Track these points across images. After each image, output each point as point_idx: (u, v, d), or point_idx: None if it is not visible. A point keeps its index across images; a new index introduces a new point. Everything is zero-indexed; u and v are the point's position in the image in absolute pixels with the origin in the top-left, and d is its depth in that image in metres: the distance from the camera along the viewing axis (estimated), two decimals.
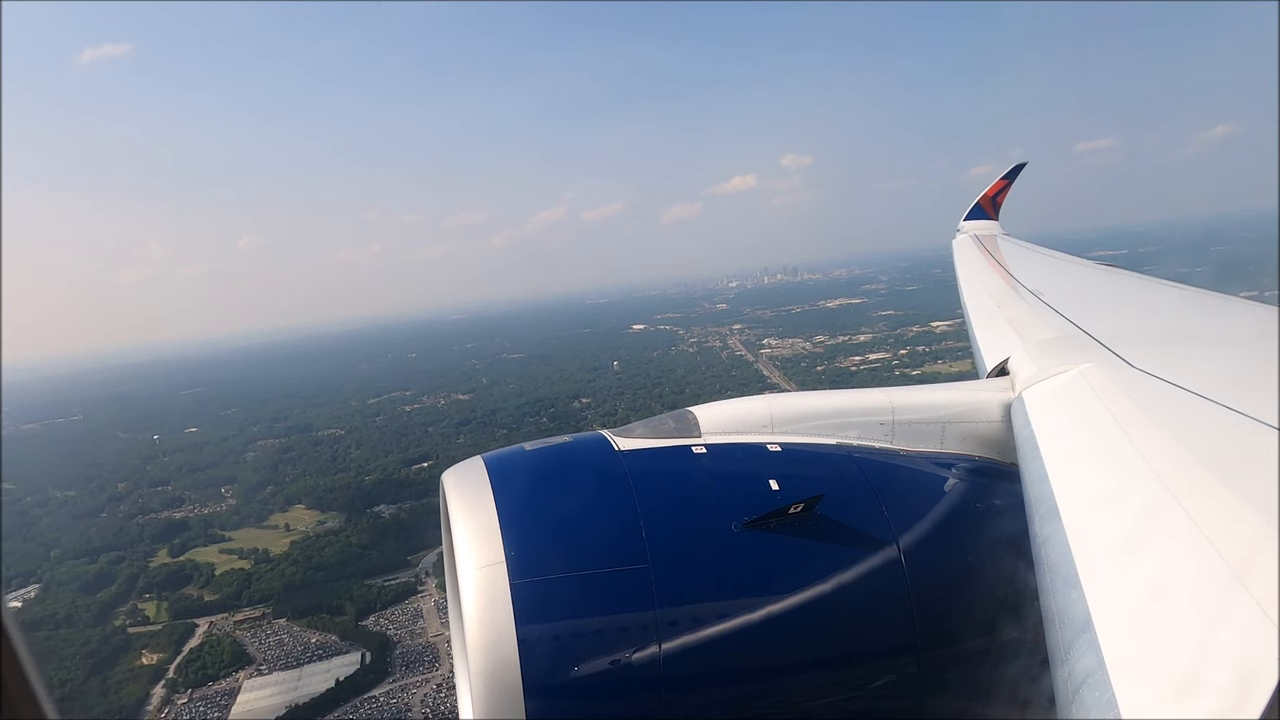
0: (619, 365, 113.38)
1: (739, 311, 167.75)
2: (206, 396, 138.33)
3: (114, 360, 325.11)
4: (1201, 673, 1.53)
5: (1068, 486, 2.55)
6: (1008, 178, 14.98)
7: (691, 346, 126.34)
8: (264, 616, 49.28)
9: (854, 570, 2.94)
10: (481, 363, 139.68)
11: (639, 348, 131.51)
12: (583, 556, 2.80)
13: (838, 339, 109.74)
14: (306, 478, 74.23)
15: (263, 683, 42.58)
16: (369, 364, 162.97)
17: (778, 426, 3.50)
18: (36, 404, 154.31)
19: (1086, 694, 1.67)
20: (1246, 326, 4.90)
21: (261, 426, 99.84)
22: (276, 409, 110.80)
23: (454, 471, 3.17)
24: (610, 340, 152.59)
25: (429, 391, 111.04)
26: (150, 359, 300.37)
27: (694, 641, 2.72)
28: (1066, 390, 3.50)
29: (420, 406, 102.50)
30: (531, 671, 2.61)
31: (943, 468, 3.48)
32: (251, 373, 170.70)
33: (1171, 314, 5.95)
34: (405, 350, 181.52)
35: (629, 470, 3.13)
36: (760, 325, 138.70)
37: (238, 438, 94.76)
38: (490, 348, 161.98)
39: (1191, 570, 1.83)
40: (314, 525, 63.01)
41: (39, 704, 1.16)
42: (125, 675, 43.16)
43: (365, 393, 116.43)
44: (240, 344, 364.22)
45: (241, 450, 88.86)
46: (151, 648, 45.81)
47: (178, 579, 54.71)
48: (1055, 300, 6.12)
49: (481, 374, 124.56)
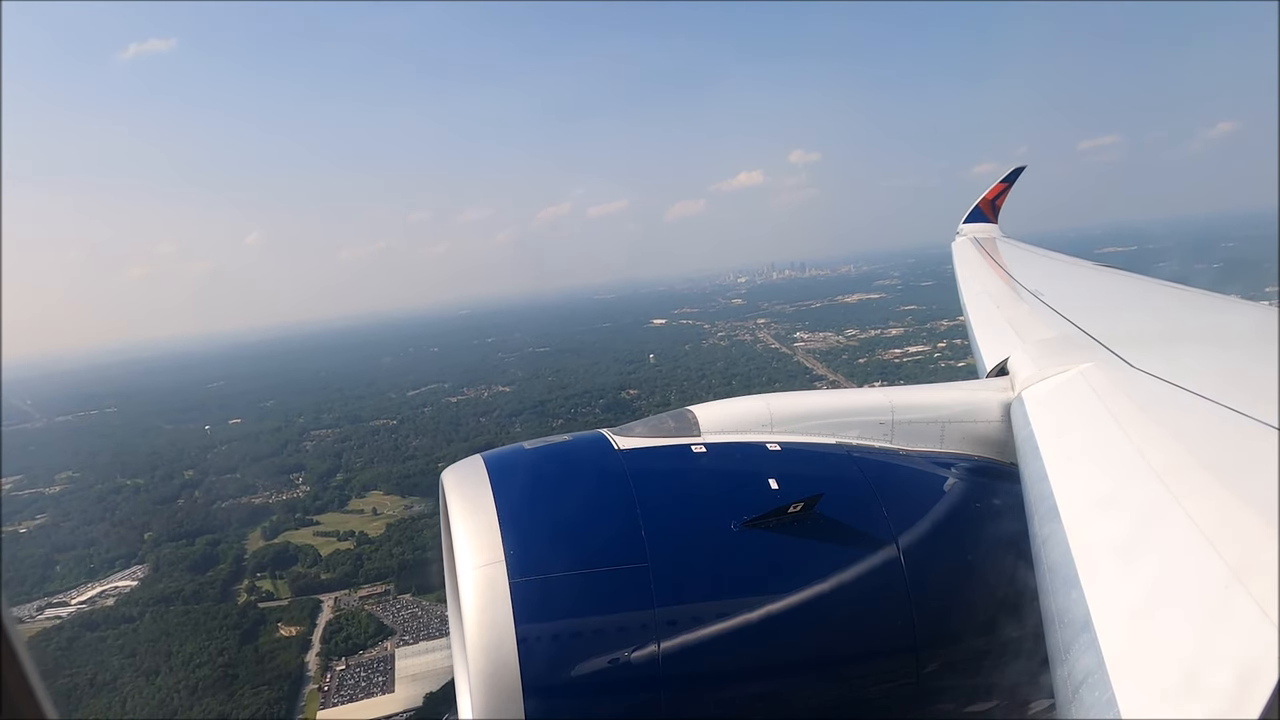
0: (654, 358, 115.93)
1: (756, 306, 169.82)
2: (234, 390, 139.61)
3: (123, 355, 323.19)
4: (1201, 673, 1.53)
5: (1067, 486, 2.57)
6: (1007, 181, 14.99)
7: (722, 340, 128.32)
8: (387, 592, 51.36)
9: (853, 570, 2.96)
10: (509, 356, 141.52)
11: (668, 341, 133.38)
12: (582, 555, 2.82)
13: (868, 333, 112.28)
14: (376, 465, 76.22)
15: (413, 650, 44.49)
16: (392, 358, 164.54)
17: (777, 426, 3.52)
18: (63, 397, 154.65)
19: (1086, 694, 1.68)
20: (1246, 326, 4.91)
21: (307, 418, 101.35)
22: (315, 401, 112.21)
23: (454, 470, 3.19)
24: (633, 335, 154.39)
25: (467, 384, 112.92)
26: (157, 354, 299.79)
27: (693, 641, 2.74)
28: (1066, 390, 3.51)
29: (464, 398, 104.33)
30: (531, 671, 2.62)
31: (942, 467, 3.49)
32: (270, 367, 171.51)
33: (1171, 314, 5.94)
34: (424, 345, 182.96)
35: (629, 469, 3.15)
36: (784, 320, 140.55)
37: (289, 428, 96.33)
38: (511, 342, 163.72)
39: (1191, 570, 1.83)
40: (401, 509, 65.09)
41: (39, 704, 1.16)
42: (272, 645, 45.26)
43: (402, 385, 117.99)
44: (246, 340, 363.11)
45: (298, 440, 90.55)
46: (285, 621, 47.96)
47: (284, 559, 56.78)
48: (1055, 301, 6.10)
49: (513, 367, 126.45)
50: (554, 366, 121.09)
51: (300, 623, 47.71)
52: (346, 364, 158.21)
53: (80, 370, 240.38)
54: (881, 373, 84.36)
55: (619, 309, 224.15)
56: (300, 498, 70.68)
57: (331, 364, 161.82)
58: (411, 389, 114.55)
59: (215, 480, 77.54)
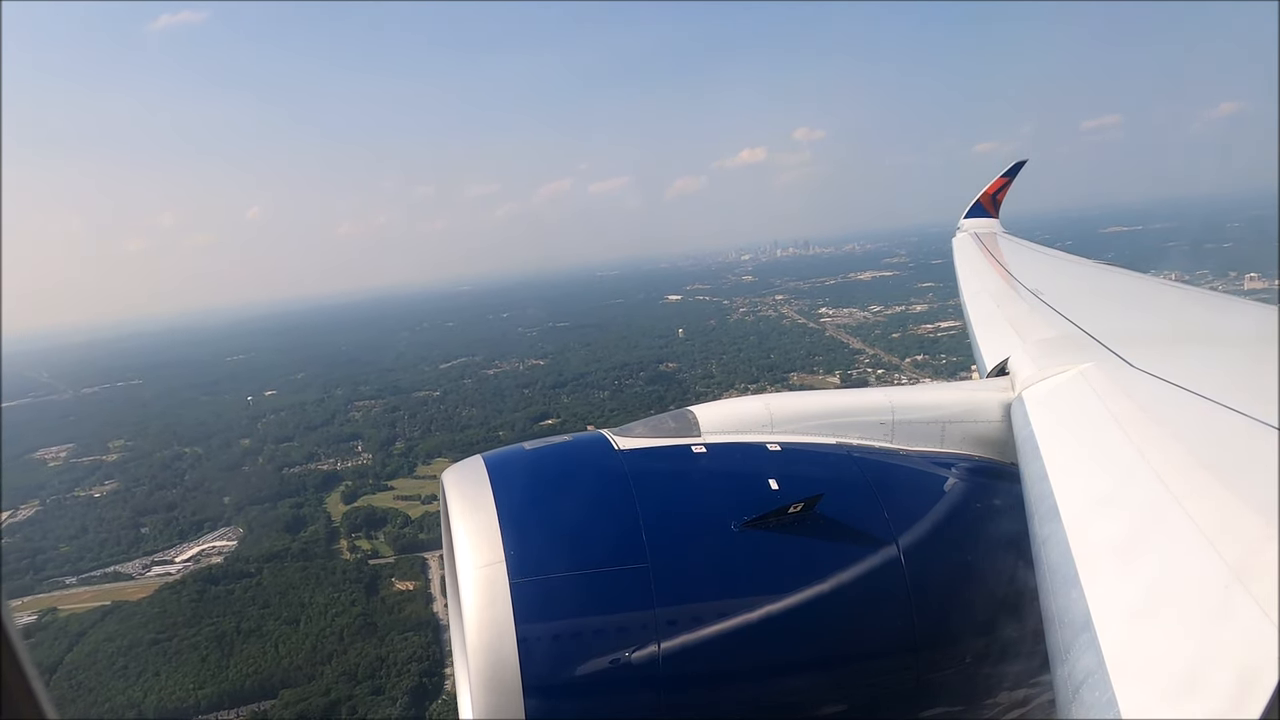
0: (683, 333, 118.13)
1: (769, 283, 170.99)
2: (257, 363, 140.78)
3: (128, 329, 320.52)
4: (1201, 673, 1.53)
5: (1068, 486, 2.57)
6: (1008, 175, 14.82)
7: (746, 315, 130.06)
8: None
9: (853, 570, 2.98)
10: (530, 330, 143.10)
11: (688, 317, 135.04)
12: (582, 556, 2.84)
13: (893, 309, 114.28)
14: (435, 434, 78.16)
15: None
16: (409, 332, 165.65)
17: (777, 426, 3.54)
18: (80, 370, 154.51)
19: (1086, 694, 1.68)
20: (1246, 326, 4.93)
21: (345, 389, 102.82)
22: (347, 374, 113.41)
23: (454, 470, 3.20)
24: (650, 310, 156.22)
25: (497, 357, 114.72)
26: (160, 328, 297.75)
27: (693, 641, 2.76)
28: (1066, 390, 3.52)
29: (501, 371, 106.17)
30: (531, 671, 2.64)
31: (943, 467, 3.51)
32: (286, 342, 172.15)
33: (1171, 314, 5.95)
34: (436, 320, 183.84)
35: (629, 470, 3.16)
36: (801, 296, 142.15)
37: (330, 400, 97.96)
38: (526, 317, 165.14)
39: (1191, 570, 1.83)
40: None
41: (39, 704, 1.16)
42: (396, 597, 47.21)
43: (431, 359, 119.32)
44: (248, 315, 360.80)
45: (345, 410, 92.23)
46: (398, 577, 49.87)
47: (374, 520, 58.65)
48: (1055, 300, 6.12)
49: (537, 341, 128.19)
50: (580, 341, 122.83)
51: (414, 578, 49.50)
52: (366, 339, 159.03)
53: (86, 344, 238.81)
54: (920, 346, 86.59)
55: (628, 286, 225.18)
56: (368, 464, 72.45)
57: (349, 339, 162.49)
58: (443, 362, 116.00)
59: (274, 448, 79.24)
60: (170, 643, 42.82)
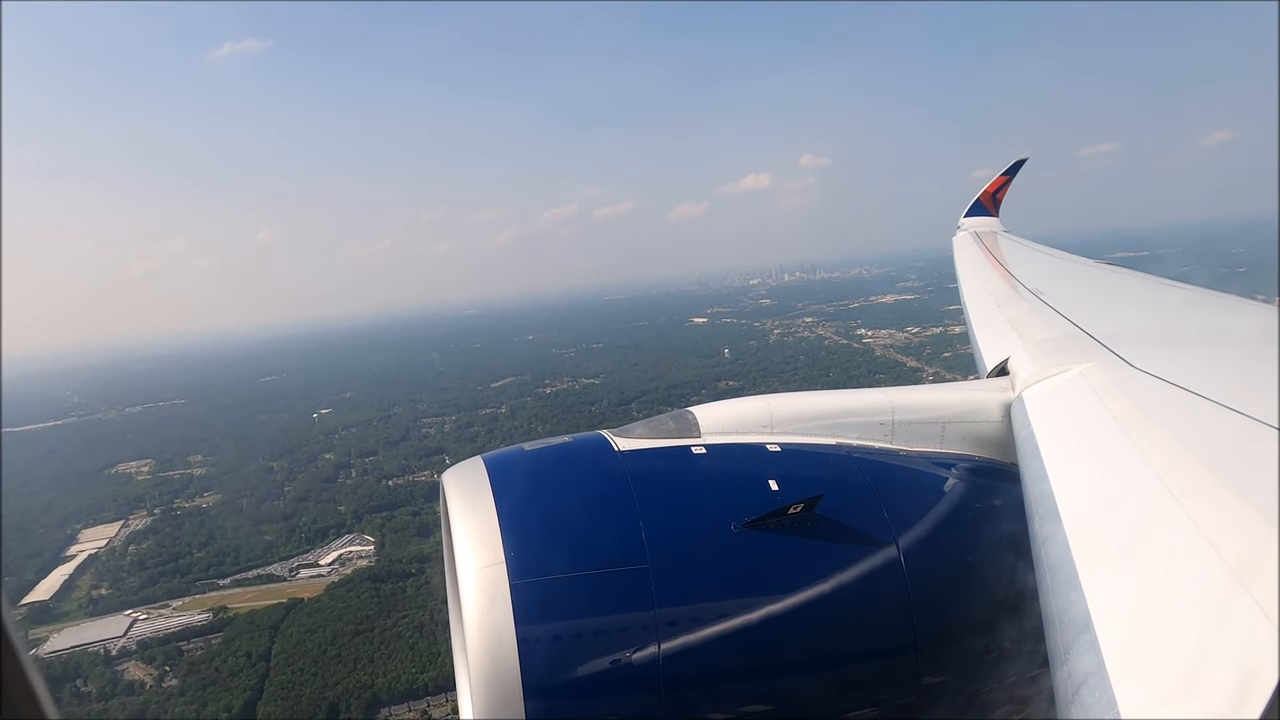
0: (729, 353, 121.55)
1: (789, 306, 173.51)
2: (292, 383, 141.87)
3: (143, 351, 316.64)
4: (1201, 673, 1.53)
5: (1068, 486, 2.56)
6: (1008, 174, 14.81)
7: (786, 337, 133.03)
8: None
9: (854, 570, 2.98)
10: (567, 352, 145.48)
11: (723, 339, 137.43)
12: (583, 557, 2.84)
13: (930, 330, 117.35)
14: None
15: None
16: (438, 354, 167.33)
17: (777, 427, 3.55)
18: (111, 390, 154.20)
19: (1086, 694, 1.67)
20: (1246, 326, 4.94)
21: (404, 408, 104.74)
22: (395, 393, 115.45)
23: (454, 471, 3.21)
24: (679, 332, 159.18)
25: (547, 377, 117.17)
26: (171, 350, 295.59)
27: (694, 642, 2.77)
28: (1066, 390, 3.52)
29: (556, 389, 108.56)
30: (531, 672, 2.64)
31: (943, 468, 3.51)
32: (315, 363, 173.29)
33: (1171, 314, 5.97)
34: (458, 343, 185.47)
35: (629, 470, 3.16)
36: (826, 319, 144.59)
37: (397, 416, 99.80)
38: (554, 339, 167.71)
39: (1191, 571, 1.83)
40: None
41: (39, 704, 1.16)
42: None
43: (478, 378, 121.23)
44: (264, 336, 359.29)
45: (417, 426, 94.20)
46: None
47: None
48: (1055, 300, 6.14)
49: (579, 362, 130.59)
50: (623, 361, 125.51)
51: None
52: (394, 360, 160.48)
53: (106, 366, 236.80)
54: (972, 368, 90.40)
55: (642, 309, 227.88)
56: None
57: (375, 360, 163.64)
58: (493, 381, 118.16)
59: (362, 462, 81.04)
60: (372, 633, 44.75)
